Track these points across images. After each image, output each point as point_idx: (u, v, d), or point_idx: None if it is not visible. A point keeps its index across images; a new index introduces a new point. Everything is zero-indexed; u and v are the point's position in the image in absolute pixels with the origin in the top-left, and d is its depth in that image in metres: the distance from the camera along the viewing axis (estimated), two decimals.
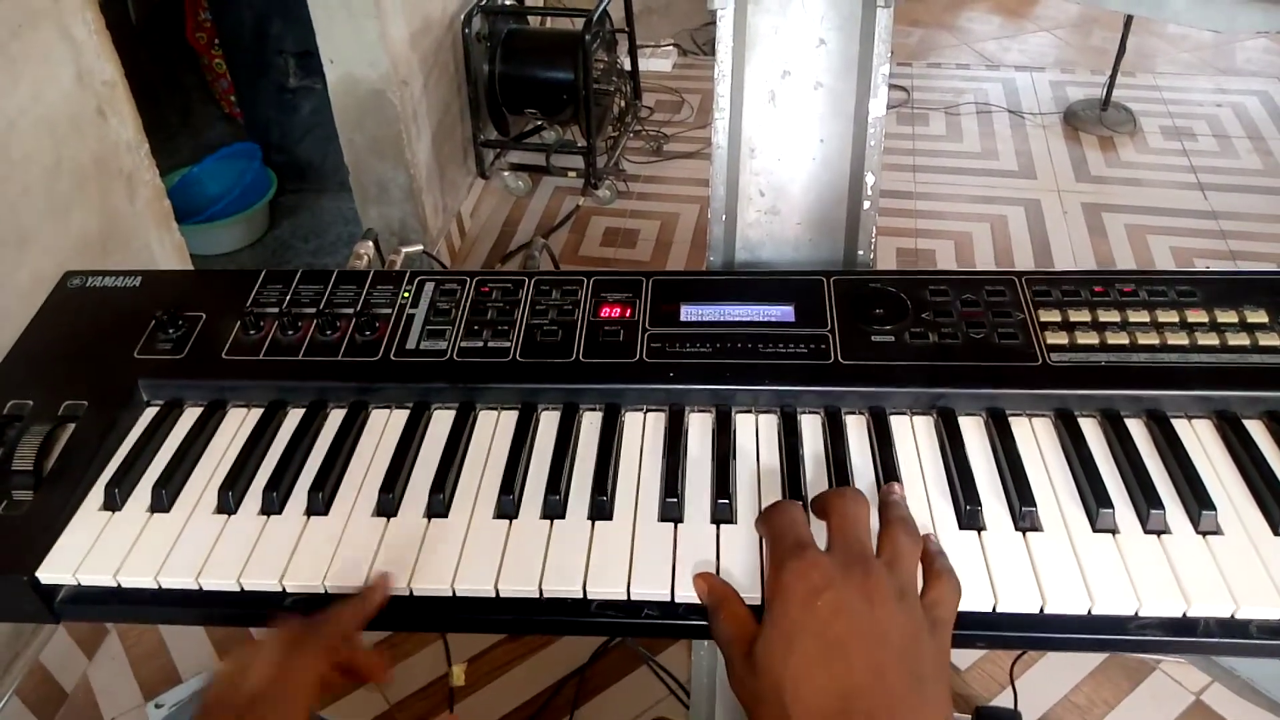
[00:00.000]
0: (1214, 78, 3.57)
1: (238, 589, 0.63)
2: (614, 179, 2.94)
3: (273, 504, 0.68)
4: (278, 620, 0.61)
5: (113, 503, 0.69)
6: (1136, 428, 0.70)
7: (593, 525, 0.65)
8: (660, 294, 0.79)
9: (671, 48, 3.71)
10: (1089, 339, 0.73)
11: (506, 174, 2.94)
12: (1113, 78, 3.23)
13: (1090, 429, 0.70)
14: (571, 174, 2.89)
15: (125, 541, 0.66)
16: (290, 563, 0.64)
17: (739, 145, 0.87)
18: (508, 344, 0.76)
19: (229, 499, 0.68)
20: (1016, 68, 3.71)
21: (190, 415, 0.76)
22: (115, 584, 0.64)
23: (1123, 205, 2.92)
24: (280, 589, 0.63)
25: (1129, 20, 3.10)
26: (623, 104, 3.06)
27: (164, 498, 0.68)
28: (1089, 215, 2.90)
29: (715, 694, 1.05)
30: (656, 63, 3.60)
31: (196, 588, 0.64)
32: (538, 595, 0.62)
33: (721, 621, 0.59)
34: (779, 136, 0.87)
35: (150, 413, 0.76)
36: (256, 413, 0.76)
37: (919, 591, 0.57)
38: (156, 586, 0.64)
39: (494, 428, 0.73)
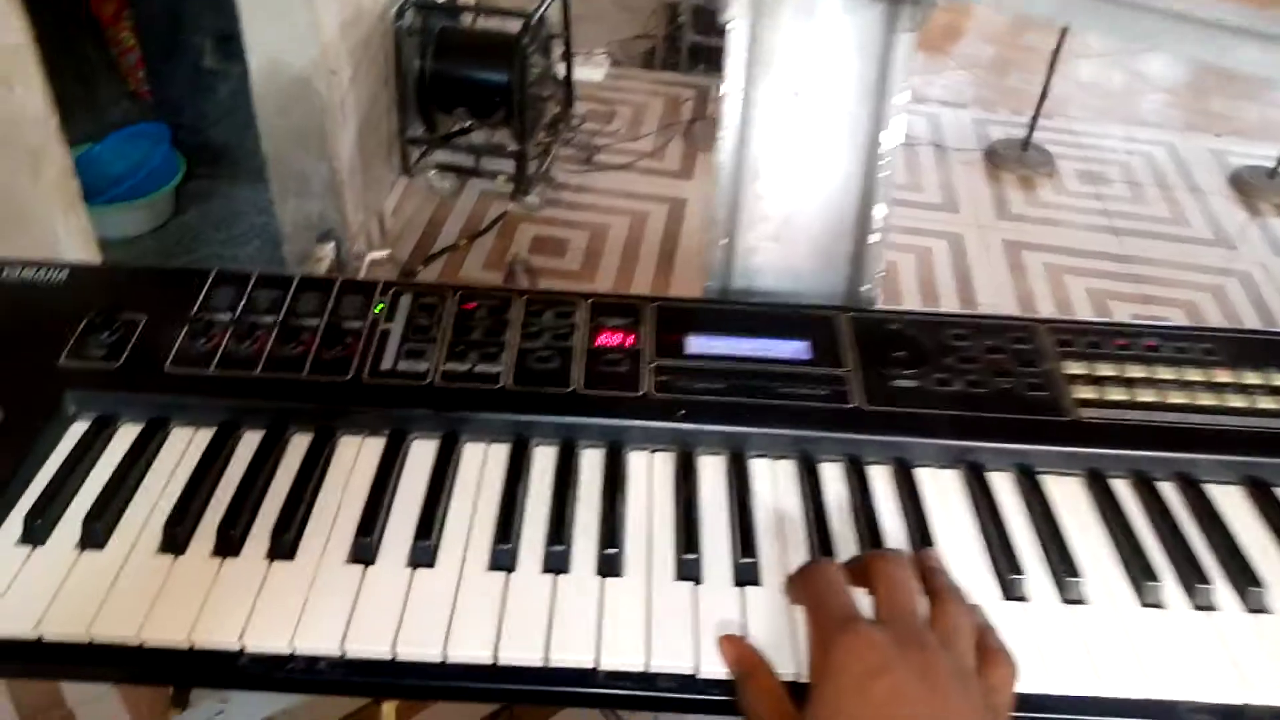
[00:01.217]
0: (1124, 126, 3.69)
1: (187, 646, 0.54)
2: (544, 186, 2.86)
3: (229, 545, 0.59)
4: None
5: (34, 536, 0.58)
6: (1167, 492, 0.67)
7: (602, 582, 0.58)
8: (664, 322, 0.73)
9: (604, 57, 3.65)
10: (1118, 395, 0.69)
11: (432, 173, 2.83)
12: (1034, 119, 3.31)
13: (1122, 492, 0.66)
14: (501, 178, 2.80)
15: (50, 584, 0.56)
16: (251, 616, 0.55)
17: (743, 166, 0.82)
18: (497, 369, 0.69)
19: (176, 537, 0.59)
20: (940, 103, 3.77)
21: (127, 434, 0.66)
22: (37, 636, 0.54)
23: (1041, 244, 2.98)
24: (238, 648, 0.54)
25: (1053, 63, 3.18)
26: (556, 111, 2.98)
27: (98, 532, 0.58)
28: (1009, 252, 2.95)
29: None
30: (589, 71, 3.54)
31: (138, 644, 0.54)
32: (543, 664, 0.55)
33: (752, 696, 0.52)
34: (786, 160, 0.81)
35: (79, 429, 0.65)
36: (205, 435, 0.66)
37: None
38: (89, 641, 0.54)
39: (482, 464, 0.66)
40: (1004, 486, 0.66)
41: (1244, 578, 0.60)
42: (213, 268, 0.75)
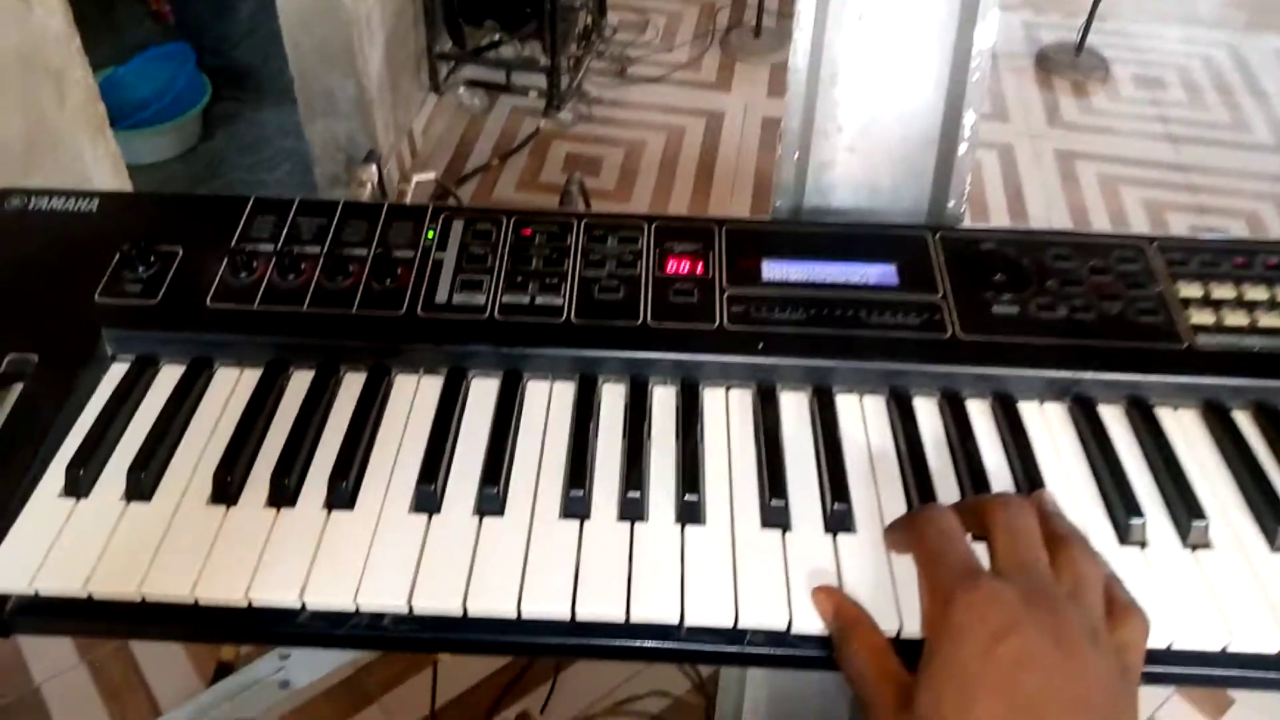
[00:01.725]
0: (1182, 27, 3.51)
1: (245, 604, 0.51)
2: (576, 101, 2.77)
3: (284, 494, 0.55)
4: None
5: (77, 488, 0.55)
6: None
7: (682, 531, 0.54)
8: (736, 246, 0.67)
9: None
10: (1237, 319, 0.63)
11: (462, 90, 2.75)
12: (1088, 22, 3.15)
13: (1245, 425, 0.61)
14: (532, 93, 2.71)
15: (97, 539, 0.52)
16: (311, 570, 0.51)
17: (819, 71, 0.75)
18: (559, 301, 0.64)
19: (228, 485, 0.55)
20: None
21: (169, 376, 0.62)
22: (86, 594, 0.51)
23: (1095, 154, 2.86)
24: (299, 604, 0.51)
25: None
26: (588, 21, 2.87)
27: (143, 482, 0.55)
28: (1062, 163, 2.83)
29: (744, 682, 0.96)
30: None
31: (193, 603, 0.51)
32: (624, 620, 0.51)
33: (855, 654, 0.48)
34: (865, 62, 0.74)
35: (118, 371, 0.61)
36: (252, 375, 0.62)
37: None
38: (141, 599, 0.51)
39: (548, 403, 0.61)
40: (1115, 420, 0.61)
41: None
42: (245, 194, 0.71)
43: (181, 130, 2.47)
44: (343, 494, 0.55)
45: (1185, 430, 0.60)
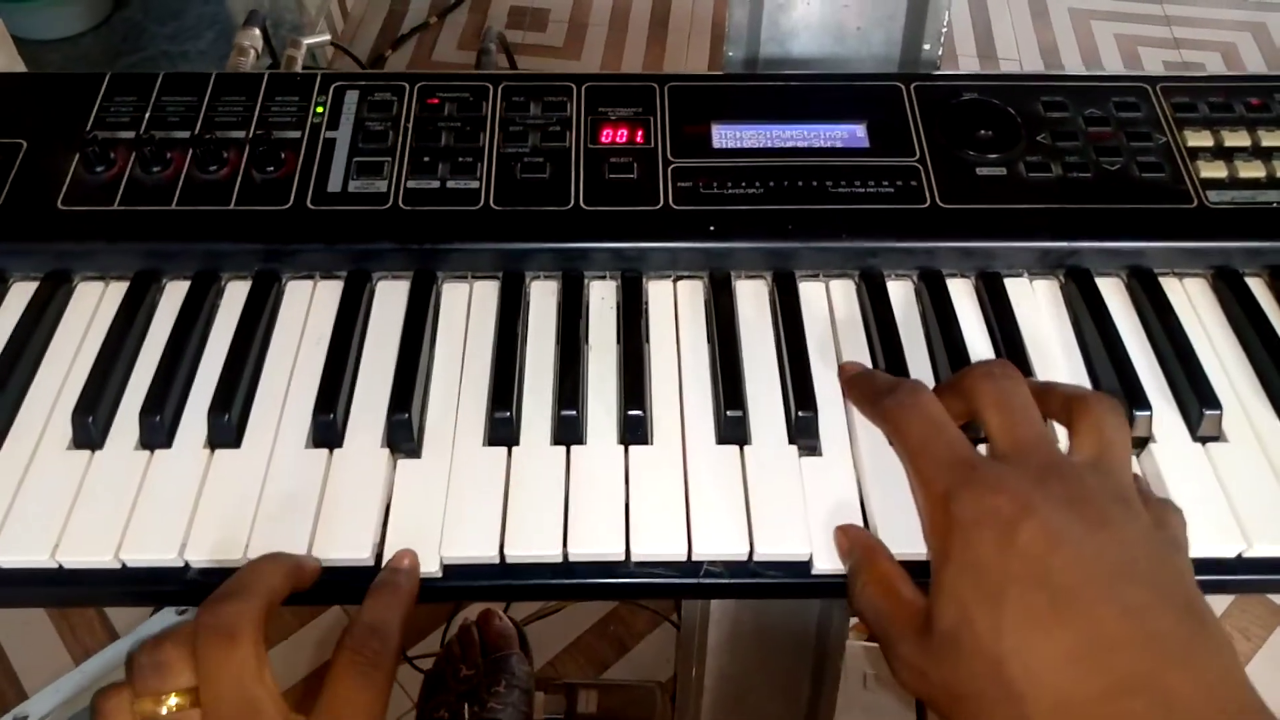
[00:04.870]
0: None
1: (117, 565, 0.43)
2: None
3: (157, 433, 0.47)
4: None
5: None
6: None
7: (626, 452, 0.47)
8: (682, 108, 0.58)
9: None
10: (1253, 171, 0.55)
11: None
12: None
13: (1261, 294, 0.54)
14: None
15: None
16: (193, 522, 0.44)
17: None
18: (475, 184, 0.54)
19: (89, 427, 0.47)
20: None
21: (19, 294, 0.52)
22: None
23: None
24: (181, 563, 0.43)
25: None
26: None
27: None
28: None
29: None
30: None
31: (55, 565, 0.43)
32: (561, 560, 0.44)
33: (862, 589, 0.41)
34: None
35: None
36: (119, 289, 0.53)
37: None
38: None
39: (467, 307, 0.53)
40: (1114, 294, 0.54)
41: None
42: (168, 68, 0.61)
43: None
44: (226, 429, 0.46)
45: (1193, 302, 0.53)
